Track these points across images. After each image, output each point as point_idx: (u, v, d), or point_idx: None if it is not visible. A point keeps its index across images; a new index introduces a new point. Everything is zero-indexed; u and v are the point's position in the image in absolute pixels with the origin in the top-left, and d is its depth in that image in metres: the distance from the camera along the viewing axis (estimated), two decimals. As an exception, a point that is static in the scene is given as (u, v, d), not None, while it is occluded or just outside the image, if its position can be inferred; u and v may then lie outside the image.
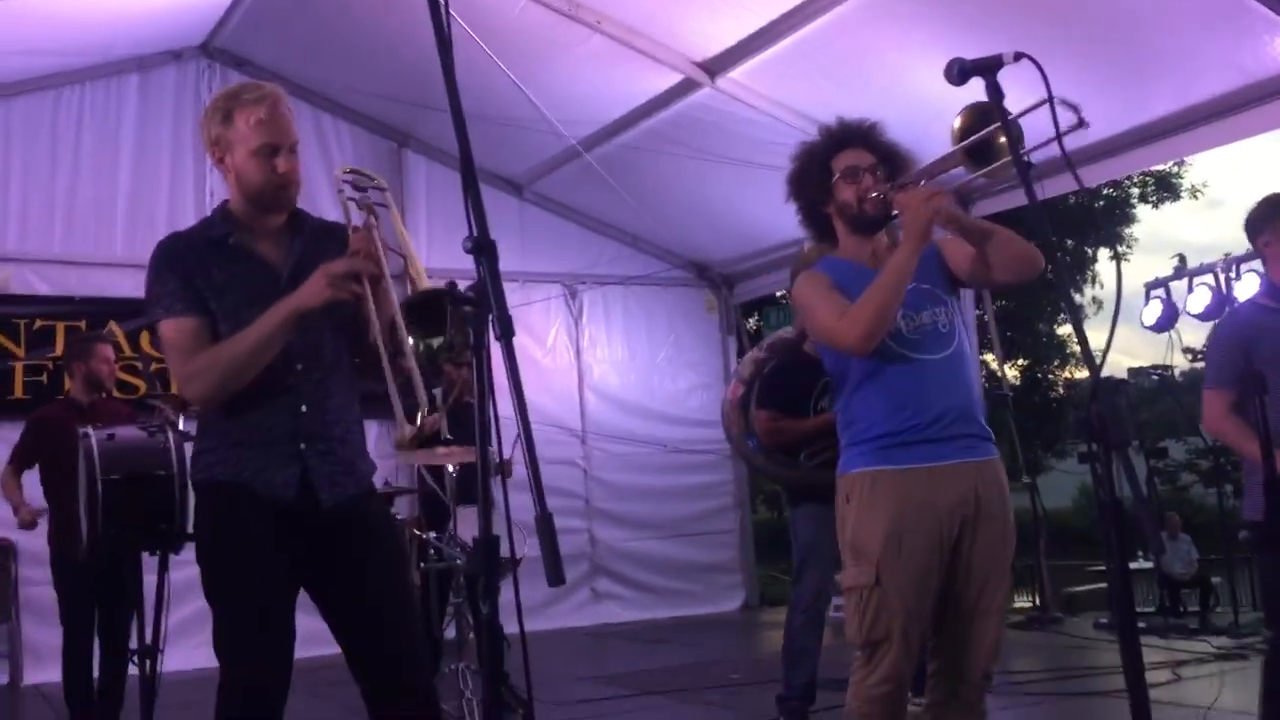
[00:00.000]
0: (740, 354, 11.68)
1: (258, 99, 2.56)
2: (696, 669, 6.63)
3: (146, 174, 8.24)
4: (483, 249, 1.79)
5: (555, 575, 1.59)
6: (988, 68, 2.18)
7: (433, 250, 9.12)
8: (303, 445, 2.59)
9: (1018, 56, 2.14)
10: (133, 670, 4.68)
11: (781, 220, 8.68)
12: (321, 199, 8.69)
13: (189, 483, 2.81)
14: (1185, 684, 5.35)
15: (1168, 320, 7.17)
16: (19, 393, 7.48)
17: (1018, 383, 22.25)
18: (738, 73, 7.17)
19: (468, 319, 1.73)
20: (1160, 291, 7.23)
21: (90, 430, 4.43)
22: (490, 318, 1.74)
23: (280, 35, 8.18)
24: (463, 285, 1.84)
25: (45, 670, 7.03)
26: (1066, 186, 6.36)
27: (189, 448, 4.53)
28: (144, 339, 7.85)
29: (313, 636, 2.78)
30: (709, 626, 8.76)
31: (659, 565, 9.30)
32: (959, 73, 2.21)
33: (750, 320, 15.74)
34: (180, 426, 4.63)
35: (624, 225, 9.75)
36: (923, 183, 2.94)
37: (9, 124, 7.82)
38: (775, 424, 4.72)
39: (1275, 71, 5.86)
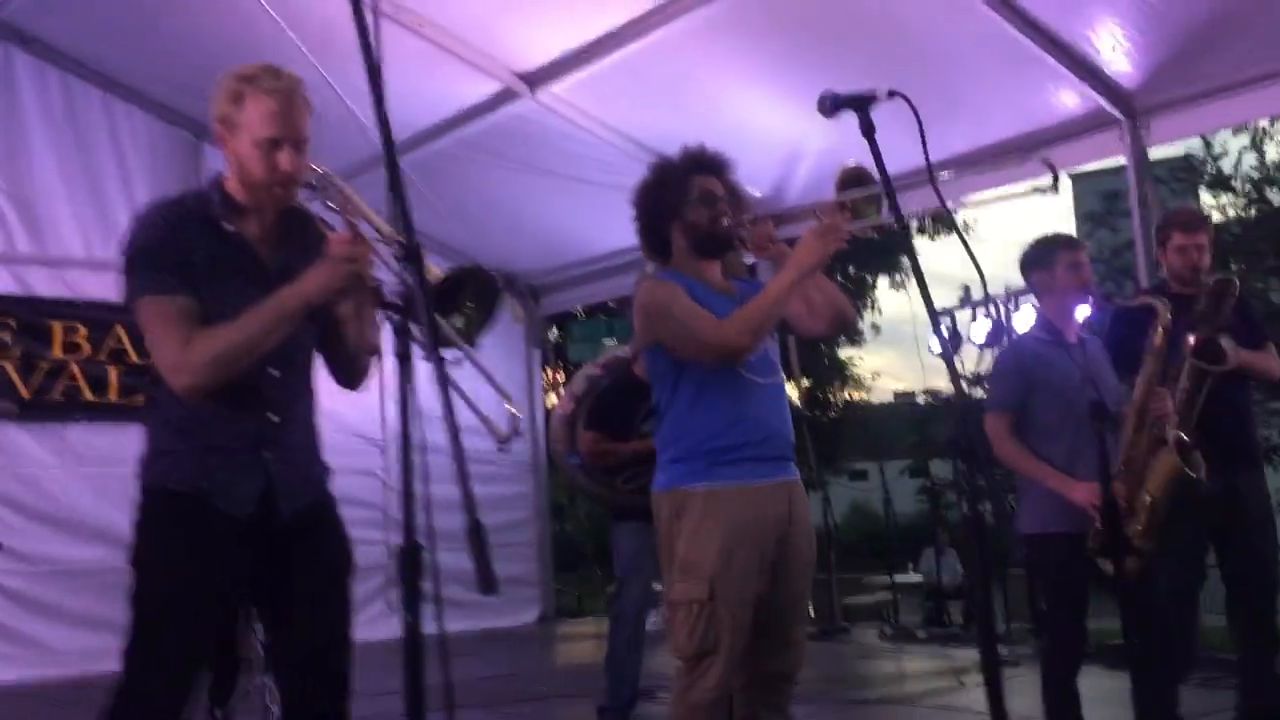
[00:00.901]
0: (544, 365, 11.72)
1: (273, 89, 2.43)
2: (502, 681, 6.60)
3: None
4: (411, 257, 1.76)
5: (486, 584, 1.58)
6: (860, 102, 2.28)
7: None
8: (267, 454, 2.52)
9: (891, 94, 2.25)
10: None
11: (592, 235, 8.87)
12: (110, 192, 8.29)
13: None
14: (971, 690, 5.68)
15: (953, 347, 7.63)
16: None
17: (801, 402, 23.16)
18: (558, 86, 7.23)
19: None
20: (946, 320, 7.68)
21: None
22: (414, 326, 1.71)
23: (74, 13, 7.69)
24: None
25: None
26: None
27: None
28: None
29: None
30: (508, 639, 8.73)
31: (457, 577, 9.13)
32: (832, 105, 2.31)
33: (551, 333, 15.79)
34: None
35: (432, 233, 9.61)
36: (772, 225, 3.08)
37: None
38: (600, 446, 4.80)
39: (1052, 120, 6.39)
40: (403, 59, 7.16)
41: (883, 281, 23.85)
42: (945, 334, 7.58)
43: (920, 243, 23.59)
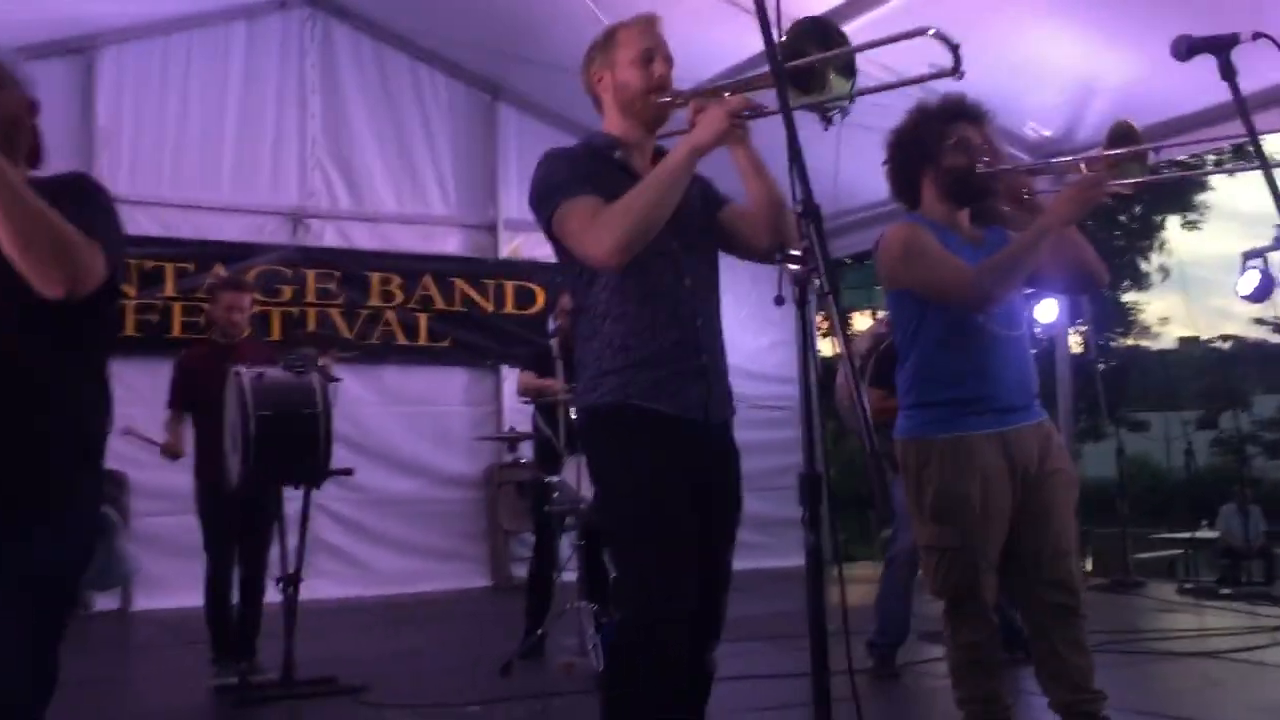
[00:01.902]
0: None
1: (638, 19, 2.70)
2: (783, 619, 6.78)
3: (252, 120, 8.42)
4: (810, 213, 1.93)
5: (884, 515, 1.73)
6: (1220, 45, 2.23)
7: (521, 204, 9.26)
8: (704, 359, 2.60)
9: (1256, 36, 2.19)
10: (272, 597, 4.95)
11: (864, 181, 8.78)
12: (416, 151, 8.94)
13: (325, 422, 2.73)
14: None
15: (1264, 291, 7.18)
16: (130, 330, 7.74)
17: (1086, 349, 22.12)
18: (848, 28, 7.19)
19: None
20: (1258, 262, 7.22)
21: (242, 369, 4.64)
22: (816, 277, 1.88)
23: (382, -16, 8.32)
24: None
25: (155, 598, 7.38)
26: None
27: (333, 388, 4.78)
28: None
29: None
30: (785, 579, 8.92)
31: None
32: (1187, 49, 2.27)
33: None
34: (322, 366, 4.85)
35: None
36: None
37: (121, 69, 8.01)
38: (886, 403, 4.86)
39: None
40: (684, 13, 7.35)
41: (1173, 221, 22.31)
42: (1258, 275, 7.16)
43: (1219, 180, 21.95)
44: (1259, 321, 24.79)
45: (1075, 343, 21.96)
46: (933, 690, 4.71)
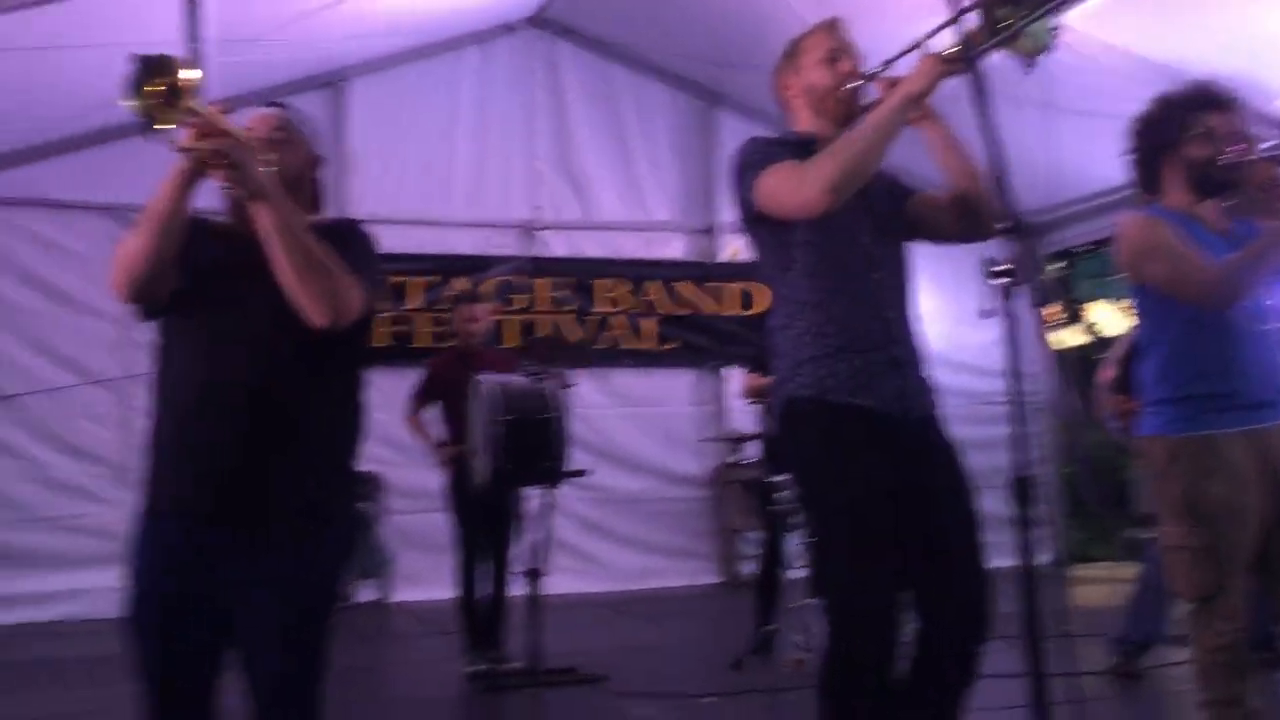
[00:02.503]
0: (1045, 303, 11.33)
1: (818, 24, 2.83)
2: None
3: (484, 139, 8.89)
4: (1019, 230, 2.01)
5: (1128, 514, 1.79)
6: None
7: (729, 205, 9.42)
8: (897, 351, 2.62)
9: None
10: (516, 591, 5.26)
11: (1096, 169, 8.49)
12: (638, 160, 9.22)
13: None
14: None
15: None
16: (382, 341, 8.32)
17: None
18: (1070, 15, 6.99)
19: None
20: None
21: (485, 377, 4.97)
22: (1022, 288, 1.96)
23: (603, 2, 8.62)
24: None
25: (410, 590, 7.91)
26: None
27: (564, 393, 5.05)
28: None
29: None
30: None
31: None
32: None
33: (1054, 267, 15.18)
34: (556, 373, 5.13)
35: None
36: None
37: (368, 99, 8.61)
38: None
39: None
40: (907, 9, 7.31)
41: None
42: None
43: None
44: None
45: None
46: (1174, 693, 4.57)
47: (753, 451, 6.29)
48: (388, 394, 6.24)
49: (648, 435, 8.86)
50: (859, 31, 2.97)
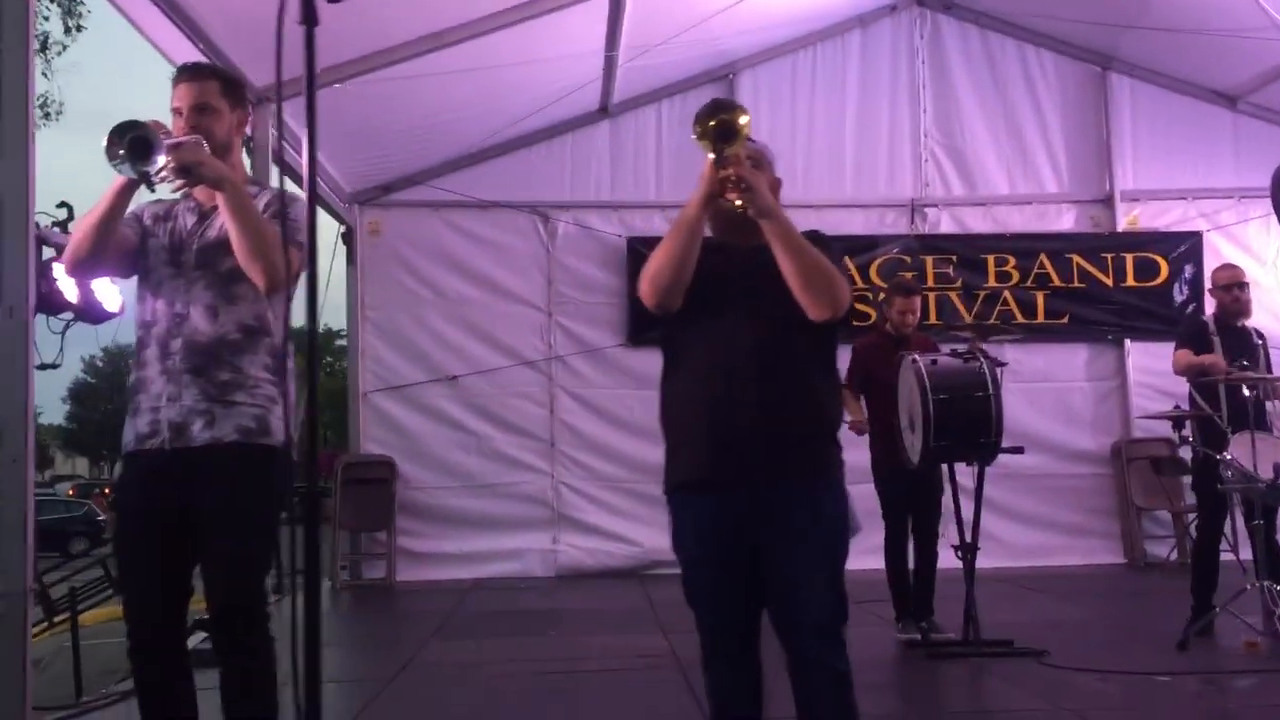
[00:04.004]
0: None
1: None
2: None
3: (868, 120, 9.05)
4: None
5: None
6: None
7: (1137, 173, 9.06)
8: None
9: None
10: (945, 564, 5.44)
11: None
12: (1027, 132, 9.05)
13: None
14: None
15: None
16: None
17: None
18: None
19: None
20: None
21: (916, 356, 5.16)
22: None
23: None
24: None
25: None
26: None
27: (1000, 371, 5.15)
28: (872, 271, 8.74)
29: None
30: None
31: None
32: None
33: None
34: (985, 351, 5.24)
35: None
36: None
37: (757, 88, 8.96)
38: None
39: None
40: None
41: None
42: None
43: None
44: None
45: None
46: None
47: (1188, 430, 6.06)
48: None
49: (1040, 411, 8.71)
50: None
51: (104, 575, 6.36)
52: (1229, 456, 5.06)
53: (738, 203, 2.52)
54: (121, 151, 2.62)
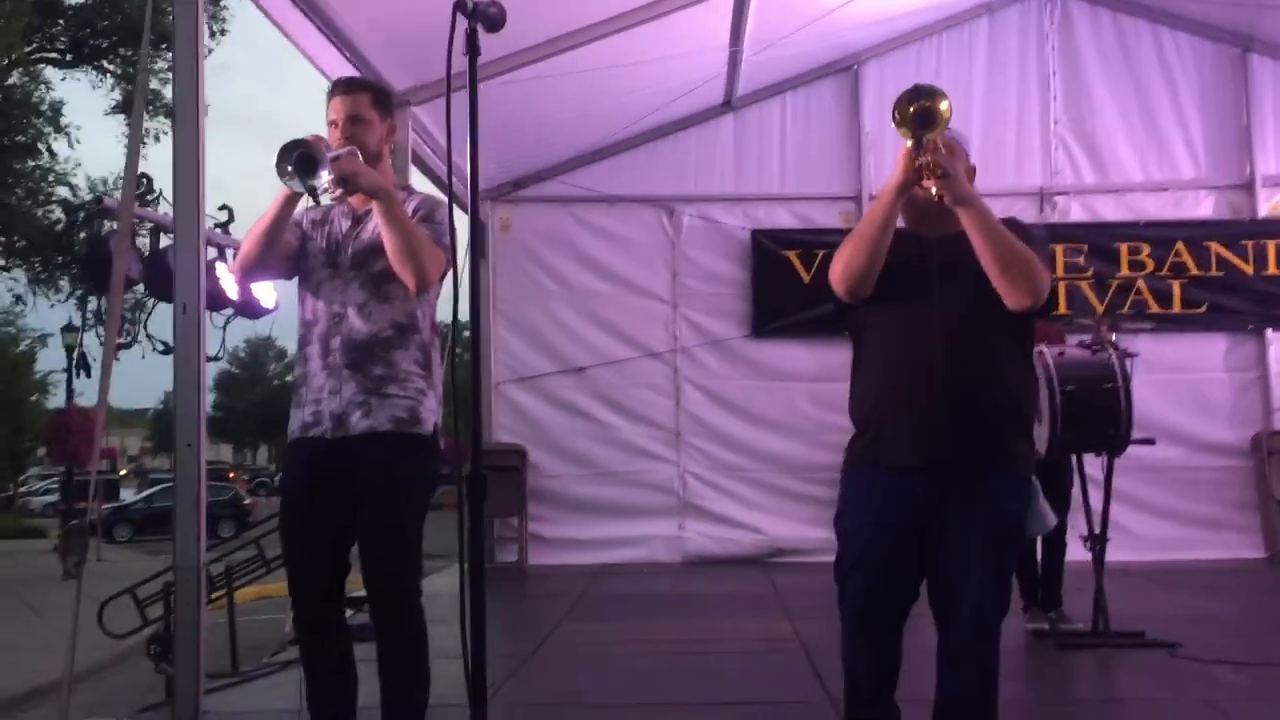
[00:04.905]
0: None
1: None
2: None
3: (996, 107, 8.93)
4: None
5: None
6: None
7: (1269, 155, 8.77)
8: None
9: None
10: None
11: None
12: (1161, 116, 8.84)
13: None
14: None
15: None
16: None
17: None
18: None
19: None
20: None
21: (1043, 348, 5.15)
22: None
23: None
24: None
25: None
26: None
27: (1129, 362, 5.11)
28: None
29: None
30: None
31: None
32: None
33: None
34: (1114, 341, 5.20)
35: None
36: None
37: (882, 79, 8.91)
38: None
39: None
40: None
41: None
42: None
43: None
44: None
45: None
46: None
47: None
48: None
49: (1175, 402, 8.51)
50: None
51: (256, 555, 6.73)
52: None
53: (934, 190, 2.54)
54: (289, 168, 2.85)
